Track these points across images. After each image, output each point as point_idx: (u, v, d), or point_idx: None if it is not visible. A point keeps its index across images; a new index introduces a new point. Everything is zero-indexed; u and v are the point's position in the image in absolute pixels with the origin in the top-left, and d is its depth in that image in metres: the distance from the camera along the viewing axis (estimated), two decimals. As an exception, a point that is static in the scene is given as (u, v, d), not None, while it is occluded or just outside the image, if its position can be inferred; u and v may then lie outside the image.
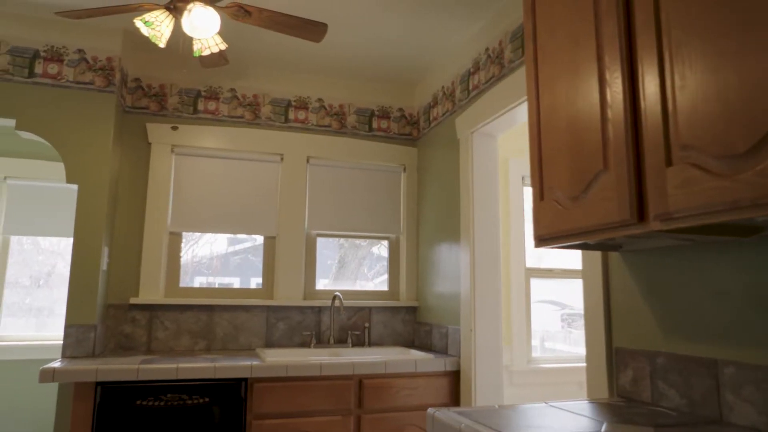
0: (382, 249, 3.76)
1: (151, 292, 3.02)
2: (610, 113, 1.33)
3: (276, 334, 3.20)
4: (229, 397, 2.48)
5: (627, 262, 1.74)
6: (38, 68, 2.81)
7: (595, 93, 1.38)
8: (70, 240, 4.19)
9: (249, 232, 3.29)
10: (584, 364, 3.62)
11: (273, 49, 3.11)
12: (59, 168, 4.10)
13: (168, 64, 3.24)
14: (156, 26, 2.13)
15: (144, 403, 2.38)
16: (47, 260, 4.21)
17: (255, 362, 2.52)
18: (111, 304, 2.98)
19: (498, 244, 2.81)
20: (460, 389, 2.76)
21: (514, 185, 3.67)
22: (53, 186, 4.13)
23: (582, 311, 4.03)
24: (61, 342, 3.94)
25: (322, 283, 3.45)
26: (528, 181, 3.75)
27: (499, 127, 2.78)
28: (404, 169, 3.59)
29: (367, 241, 3.63)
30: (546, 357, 3.67)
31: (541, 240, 1.61)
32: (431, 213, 3.33)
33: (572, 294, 3.90)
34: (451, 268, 3.00)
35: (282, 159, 3.36)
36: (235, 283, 3.48)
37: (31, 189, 4.10)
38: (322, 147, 3.42)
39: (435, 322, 3.15)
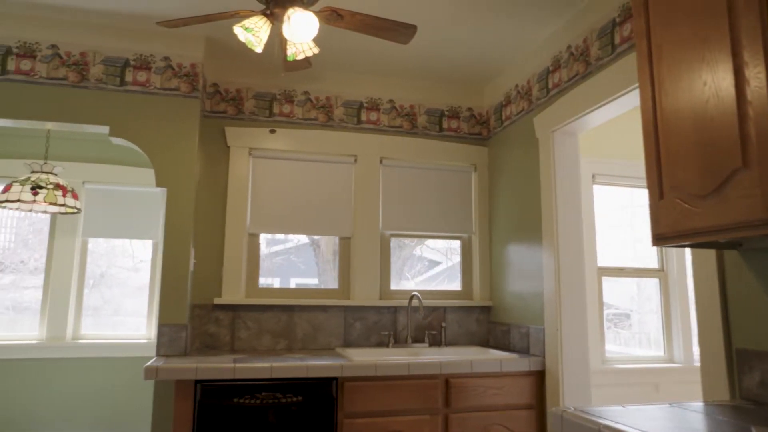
0: (425, 250, 3.78)
1: (233, 293, 3.10)
2: (750, 110, 1.30)
3: (353, 333, 3.24)
4: (320, 396, 2.52)
5: (749, 261, 1.70)
6: (129, 76, 2.91)
7: (730, 89, 1.36)
8: (134, 242, 4.32)
9: (325, 233, 3.33)
10: (659, 366, 3.56)
11: (344, 51, 3.14)
12: (133, 172, 4.23)
13: (244, 70, 3.31)
14: (255, 32, 2.18)
15: (241, 401, 2.44)
16: (96, 261, 4.33)
17: (345, 362, 2.55)
18: (196, 304, 3.06)
19: (581, 243, 2.79)
20: (546, 389, 2.75)
21: (584, 183, 3.62)
22: (127, 189, 4.27)
23: (629, 311, 3.97)
24: (126, 341, 4.07)
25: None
26: (599, 179, 3.70)
27: (582, 126, 2.75)
28: (475, 169, 3.59)
29: (415, 240, 3.63)
30: (619, 357, 3.61)
31: (661, 239, 1.59)
32: (505, 212, 3.32)
33: (618, 294, 3.82)
34: (531, 267, 2.98)
35: (355, 160, 3.40)
36: (275, 283, 3.52)
37: (107, 193, 4.24)
38: (394, 148, 3.44)
39: (513, 322, 3.14)
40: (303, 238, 3.82)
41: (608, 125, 3.67)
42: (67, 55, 2.86)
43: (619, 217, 3.88)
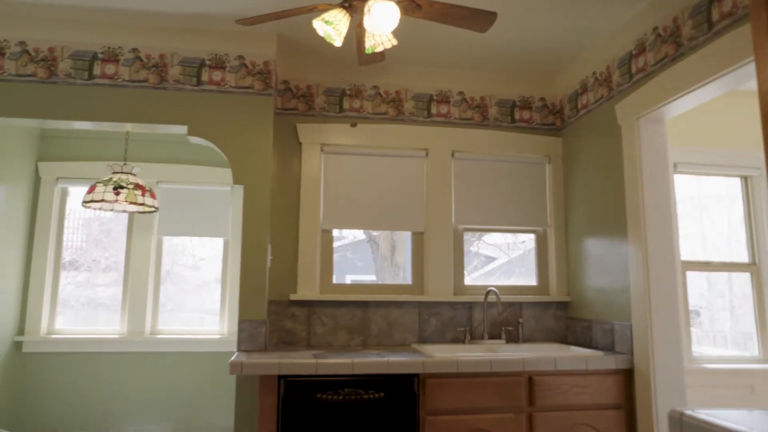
0: (482, 246, 3.68)
1: (308, 289, 3.11)
2: None
3: (428, 329, 3.20)
4: (402, 393, 2.49)
5: None
6: (205, 76, 2.96)
7: None
8: (194, 241, 4.42)
9: (397, 228, 3.30)
10: (754, 366, 3.34)
11: (413, 44, 3.09)
12: (204, 171, 4.33)
13: (314, 66, 3.32)
14: (335, 25, 2.16)
15: (323, 396, 2.44)
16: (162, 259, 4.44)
17: (425, 358, 2.51)
18: (272, 300, 3.09)
19: (671, 235, 2.64)
20: (635, 389, 2.62)
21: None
22: (198, 189, 4.37)
23: (698, 309, 3.73)
24: (201, 336, 4.17)
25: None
26: (681, 168, 3.51)
27: (670, 112, 2.60)
28: (549, 160, 3.47)
29: (476, 235, 3.54)
30: (708, 357, 3.42)
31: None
32: (583, 204, 3.20)
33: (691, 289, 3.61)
34: (615, 261, 2.85)
35: (427, 154, 3.35)
36: (332, 280, 3.49)
37: (180, 192, 4.36)
38: (465, 140, 3.37)
39: (595, 318, 3.02)
40: (360, 235, 3.81)
41: (690, 110, 3.48)
42: (147, 57, 2.94)
43: (687, 208, 3.67)
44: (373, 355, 2.60)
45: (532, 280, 3.46)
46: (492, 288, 3.09)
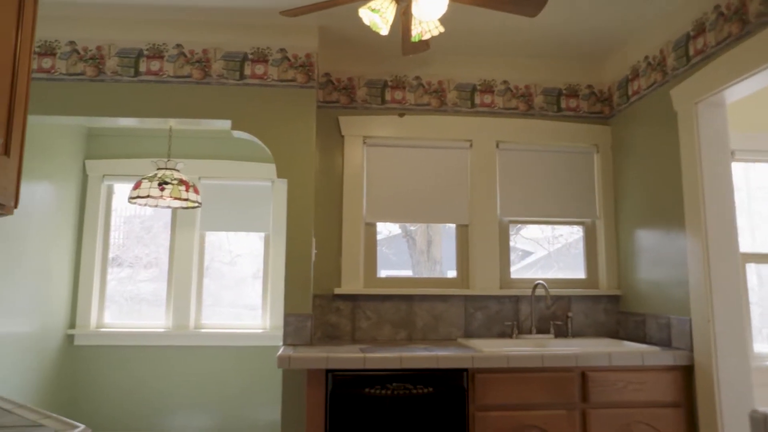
0: (518, 240, 3.57)
1: (352, 283, 3.09)
2: None
3: (474, 324, 3.14)
4: (451, 388, 2.44)
5: None
6: (247, 70, 2.96)
7: None
8: (231, 237, 4.45)
9: (441, 221, 3.25)
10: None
11: (456, 32, 3.03)
12: (245, 167, 4.36)
13: (355, 58, 3.29)
14: (382, 12, 2.12)
15: (372, 391, 2.41)
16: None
17: (474, 353, 2.46)
18: (316, 294, 3.08)
19: (733, 226, 2.51)
20: (695, 387, 2.51)
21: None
22: (239, 184, 4.40)
23: (756, 303, 3.54)
24: (244, 330, 4.20)
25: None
26: (739, 155, 3.35)
27: (732, 95, 2.47)
28: (597, 150, 3.36)
29: (517, 227, 3.44)
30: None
31: None
32: (634, 194, 3.08)
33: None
34: (671, 253, 2.73)
35: (471, 145, 3.28)
36: (376, 274, 3.45)
37: (221, 187, 4.40)
38: (510, 131, 3.29)
39: (649, 312, 2.91)
40: (395, 229, 3.76)
41: (750, 94, 3.31)
42: (191, 53, 2.95)
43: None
44: (421, 350, 2.56)
45: (573, 274, 3.36)
46: (540, 281, 3.01)
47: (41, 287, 3.71)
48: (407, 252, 3.91)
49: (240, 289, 4.42)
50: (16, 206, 1.46)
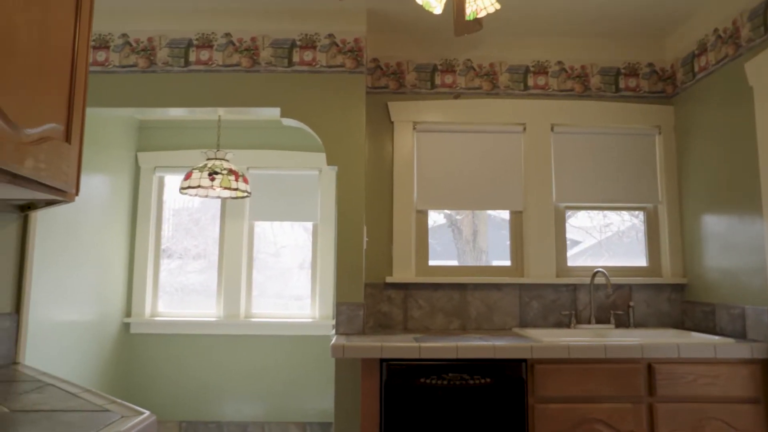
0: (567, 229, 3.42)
1: (403, 271, 3.03)
2: None
3: (530, 313, 3.04)
4: (509, 379, 2.36)
5: None
6: (296, 57, 2.93)
7: None
8: (275, 229, 4.45)
9: (494, 208, 3.15)
10: None
11: (506, 13, 2.91)
12: (293, 156, 4.35)
13: (403, 42, 3.21)
14: (436, -9, 2.04)
15: (427, 381, 2.35)
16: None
17: (533, 343, 2.36)
18: (367, 283, 3.04)
19: (815, 208, 2.33)
20: (773, 380, 2.35)
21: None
22: (287, 173, 4.40)
23: None
24: (294, 320, 4.20)
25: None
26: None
27: (815, 66, 2.28)
28: (659, 131, 3.19)
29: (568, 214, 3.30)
30: None
31: None
32: (702, 177, 2.90)
33: None
34: (745, 239, 2.56)
35: (524, 129, 3.17)
36: (428, 262, 3.37)
37: (269, 177, 4.41)
38: (565, 113, 3.16)
39: (719, 302, 2.74)
40: (440, 219, 3.68)
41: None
42: (239, 41, 2.94)
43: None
44: (476, 340, 2.49)
45: (627, 262, 3.20)
46: (600, 269, 2.88)
47: (99, 277, 3.81)
48: (453, 242, 3.83)
49: (285, 281, 4.43)
50: (77, 193, 1.46)
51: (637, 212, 3.26)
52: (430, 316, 3.02)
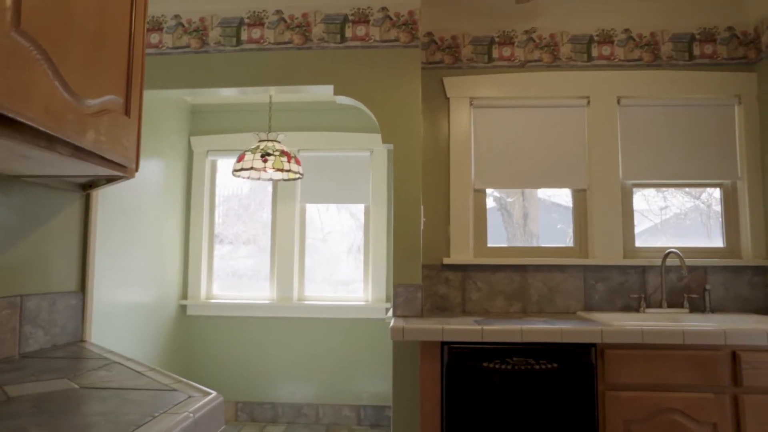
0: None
1: (461, 252, 2.93)
2: None
3: (595, 296, 2.89)
4: (577, 364, 2.24)
5: None
6: (348, 32, 2.84)
7: None
8: (323, 214, 4.39)
9: (556, 186, 3.00)
10: None
11: (581, -26, 2.73)
12: (344, 137, 4.29)
13: (458, 14, 3.08)
14: (501, -49, 1.90)
15: (490, 365, 2.26)
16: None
17: (604, 327, 2.23)
18: (424, 264, 2.96)
19: None
20: None
21: None
22: (338, 155, 4.35)
23: None
24: (343, 303, 4.16)
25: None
26: None
27: None
28: (739, 101, 2.95)
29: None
30: None
31: None
32: (788, 150, 2.67)
33: None
34: (840, 215, 2.34)
35: (588, 102, 2.99)
36: (487, 243, 3.25)
37: (320, 159, 4.37)
38: (633, 84, 2.96)
39: (808, 285, 2.53)
40: (489, 202, 3.55)
41: None
42: (291, 18, 2.88)
43: None
44: (540, 323, 2.37)
45: (691, 243, 3.00)
46: (673, 249, 2.70)
47: (157, 260, 3.87)
48: (502, 225, 3.70)
49: (333, 266, 4.40)
50: (137, 169, 1.43)
51: (700, 193, 3.04)
52: (490, 299, 2.92)
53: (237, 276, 4.46)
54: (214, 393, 1.04)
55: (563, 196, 3.59)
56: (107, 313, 3.27)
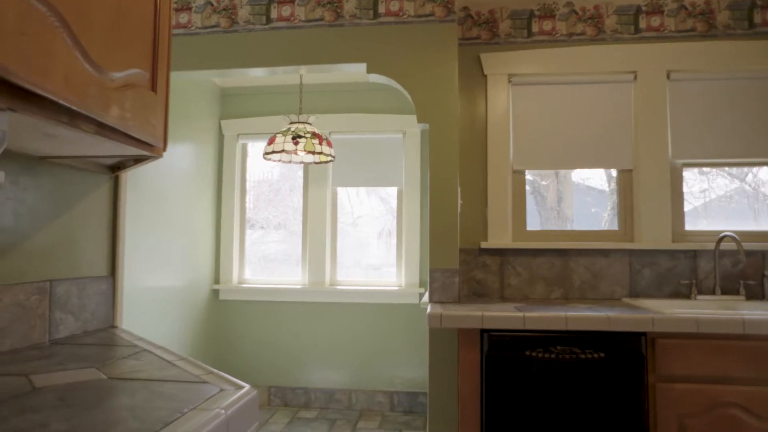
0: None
1: (499, 236, 2.82)
2: None
3: (641, 282, 2.74)
4: (626, 354, 2.12)
5: None
6: (381, 7, 2.73)
7: None
8: (353, 199, 4.30)
9: (599, 166, 2.85)
10: None
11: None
12: (376, 119, 4.19)
13: (497, -14, 2.93)
14: None
15: (533, 354, 2.15)
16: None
17: (655, 315, 2.10)
18: (461, 248, 2.85)
19: None
20: None
21: None
22: (370, 138, 4.25)
23: None
24: (376, 288, 4.09)
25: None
26: None
27: None
28: (801, 73, 2.74)
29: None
30: None
31: None
32: None
33: None
34: None
35: (635, 77, 2.82)
36: (526, 226, 3.12)
37: (351, 142, 4.28)
38: (685, 57, 2.78)
39: None
40: None
41: None
42: (322, -6, 2.77)
43: None
44: (585, 310, 2.25)
45: (735, 227, 2.81)
46: (729, 233, 2.53)
47: (189, 244, 3.85)
48: (535, 208, 3.57)
49: (364, 250, 4.33)
50: (164, 148, 1.36)
51: (745, 175, 2.85)
52: (529, 284, 2.80)
53: (268, 260, 4.43)
54: (247, 386, 0.97)
55: (598, 179, 3.44)
56: (140, 297, 3.26)
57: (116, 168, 1.64)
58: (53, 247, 1.43)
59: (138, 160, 1.48)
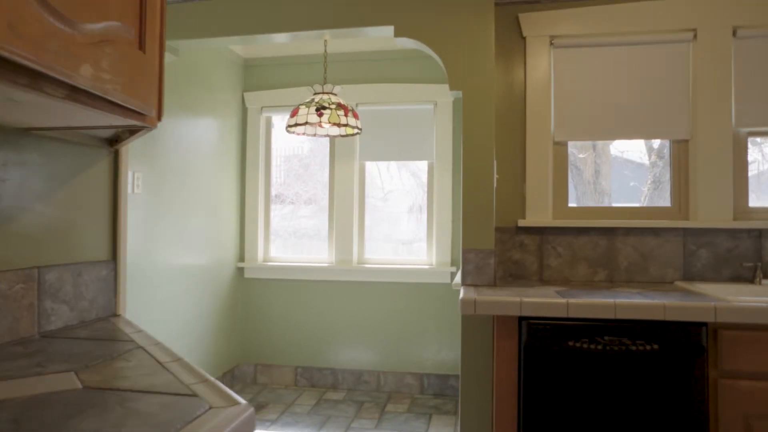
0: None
1: (539, 213, 2.59)
2: None
3: (697, 264, 2.49)
4: (684, 346, 1.89)
5: None
6: (410, -37, 2.48)
7: None
8: (383, 173, 4.09)
9: (651, 137, 2.59)
10: None
11: None
12: (404, 89, 3.96)
13: (538, -64, 2.64)
14: None
15: (578, 344, 1.95)
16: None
17: (717, 303, 1.86)
18: (497, 227, 2.64)
19: None
20: None
21: None
22: (399, 108, 4.03)
23: None
24: (405, 266, 3.90)
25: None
26: None
27: None
28: None
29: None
30: None
31: None
32: None
33: None
34: None
35: (694, 36, 2.52)
36: (568, 203, 2.89)
37: (379, 114, 4.06)
38: (754, 11, 2.46)
39: None
40: None
41: None
42: (345, -50, 2.54)
43: None
44: (635, 296, 2.03)
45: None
46: (801, 210, 2.26)
47: (213, 222, 3.73)
48: (571, 182, 3.34)
49: (393, 226, 4.14)
50: (159, 118, 1.19)
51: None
52: (571, 266, 2.58)
53: (299, 236, 4.31)
54: (243, 402, 0.80)
55: (637, 152, 3.17)
56: (162, 276, 3.16)
57: (114, 141, 1.48)
58: (42, 229, 1.29)
59: (133, 131, 1.32)
